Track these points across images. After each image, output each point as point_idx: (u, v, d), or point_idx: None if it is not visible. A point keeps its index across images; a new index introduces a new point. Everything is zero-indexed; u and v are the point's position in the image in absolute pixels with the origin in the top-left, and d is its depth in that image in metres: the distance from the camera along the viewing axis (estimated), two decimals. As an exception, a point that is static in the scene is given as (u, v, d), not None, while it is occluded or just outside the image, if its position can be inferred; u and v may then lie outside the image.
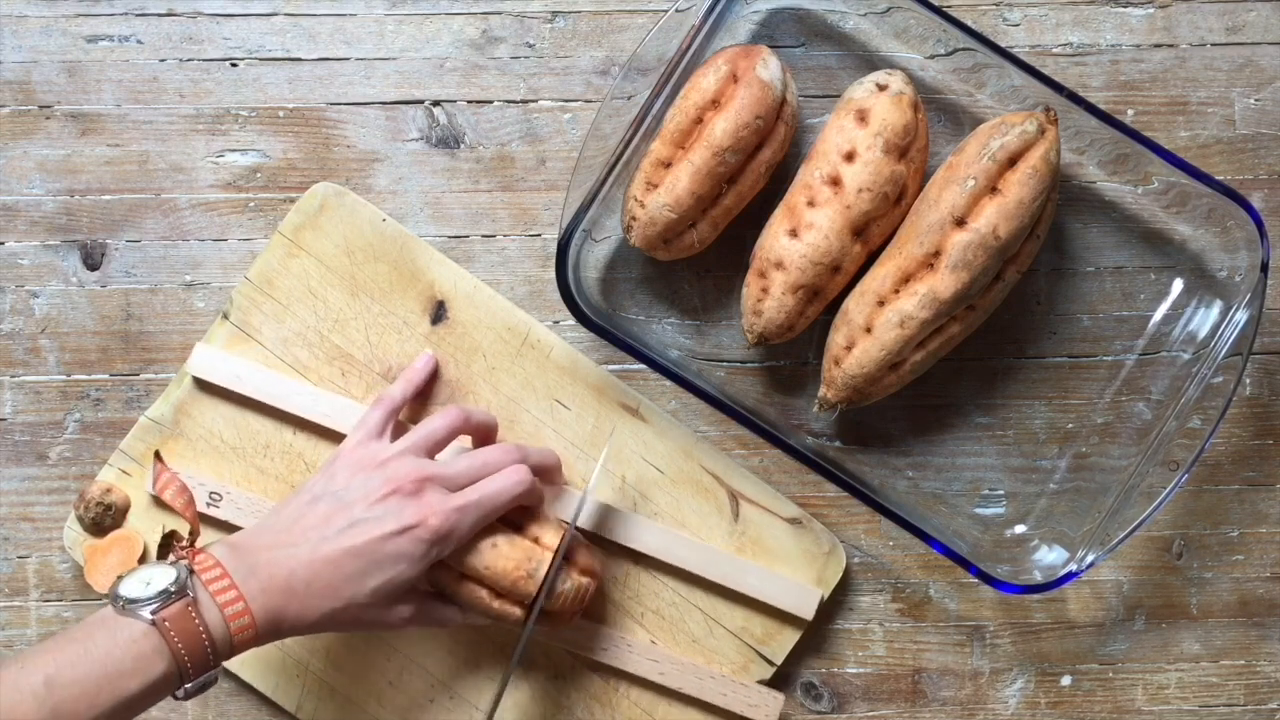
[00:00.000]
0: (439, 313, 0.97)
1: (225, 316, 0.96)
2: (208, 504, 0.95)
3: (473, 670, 0.96)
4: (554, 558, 0.88)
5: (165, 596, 0.77)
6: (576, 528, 0.93)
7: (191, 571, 0.79)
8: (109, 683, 0.74)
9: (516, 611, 0.89)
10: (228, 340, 0.96)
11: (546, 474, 0.92)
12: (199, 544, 0.87)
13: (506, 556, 0.87)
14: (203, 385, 0.95)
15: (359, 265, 0.96)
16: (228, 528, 0.95)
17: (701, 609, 0.96)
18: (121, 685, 0.74)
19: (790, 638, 0.96)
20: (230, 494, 0.95)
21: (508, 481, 0.86)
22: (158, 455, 0.95)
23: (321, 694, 0.96)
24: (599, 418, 0.96)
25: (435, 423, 0.89)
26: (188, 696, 0.78)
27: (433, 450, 0.88)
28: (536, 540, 0.89)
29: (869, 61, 0.96)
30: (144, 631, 0.76)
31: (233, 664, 0.95)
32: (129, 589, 0.78)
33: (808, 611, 0.95)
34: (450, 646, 0.96)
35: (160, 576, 0.78)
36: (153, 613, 0.76)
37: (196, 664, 0.77)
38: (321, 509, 0.84)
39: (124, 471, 0.96)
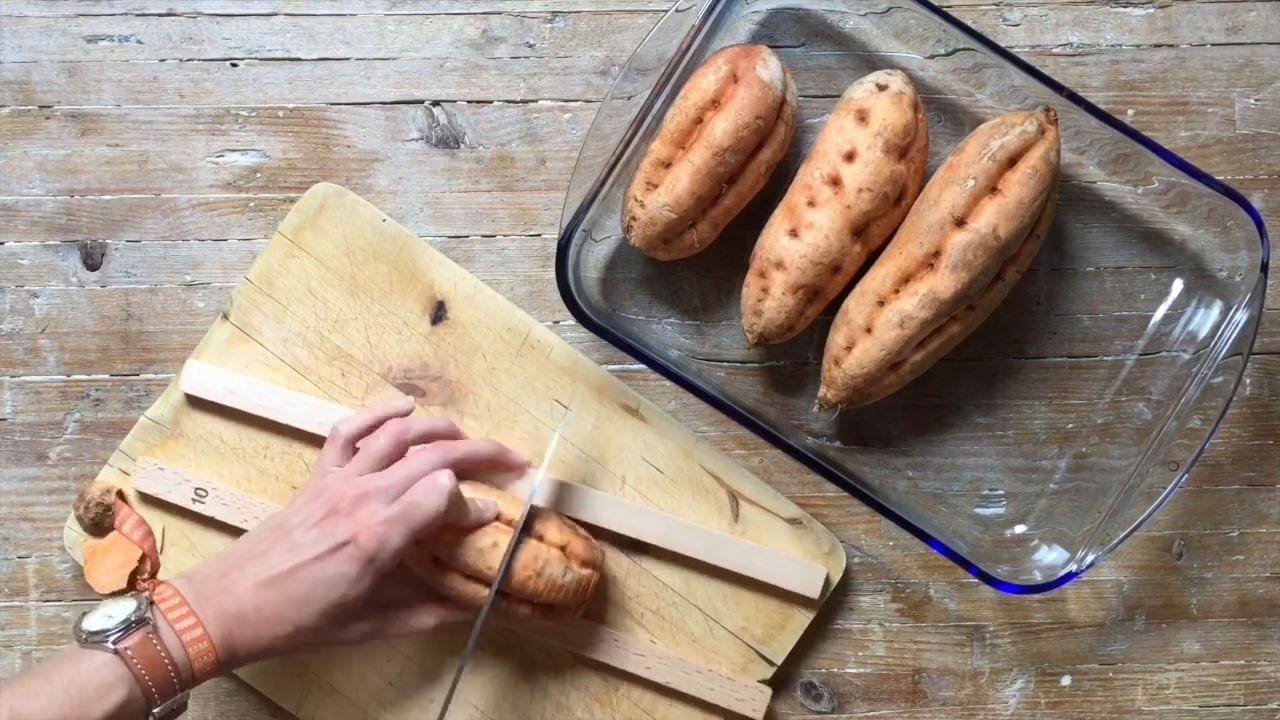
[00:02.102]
0: (439, 313, 0.96)
1: (225, 317, 0.96)
2: (193, 500, 0.95)
3: (473, 670, 0.96)
4: (514, 534, 0.87)
5: (126, 626, 0.79)
6: (577, 520, 0.93)
7: (152, 602, 0.81)
8: (73, 710, 0.75)
9: (523, 610, 0.89)
10: (228, 341, 0.96)
11: (493, 464, 0.91)
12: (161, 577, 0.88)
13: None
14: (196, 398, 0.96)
15: (359, 265, 0.96)
16: (213, 524, 0.95)
17: (701, 609, 0.96)
18: (85, 712, 0.75)
19: (790, 637, 0.96)
20: (216, 490, 0.95)
21: (425, 493, 0.84)
22: (120, 494, 0.95)
23: (321, 694, 0.96)
24: (599, 418, 0.96)
25: (378, 440, 0.88)
26: None
27: (382, 466, 0.88)
28: (541, 538, 0.89)
29: (869, 61, 0.96)
30: (106, 661, 0.77)
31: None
32: (91, 623, 0.79)
33: (814, 590, 0.94)
34: (451, 647, 0.96)
35: (121, 609, 0.80)
36: (115, 642, 0.78)
37: (162, 690, 0.78)
38: (269, 538, 0.85)
39: (124, 471, 0.96)
